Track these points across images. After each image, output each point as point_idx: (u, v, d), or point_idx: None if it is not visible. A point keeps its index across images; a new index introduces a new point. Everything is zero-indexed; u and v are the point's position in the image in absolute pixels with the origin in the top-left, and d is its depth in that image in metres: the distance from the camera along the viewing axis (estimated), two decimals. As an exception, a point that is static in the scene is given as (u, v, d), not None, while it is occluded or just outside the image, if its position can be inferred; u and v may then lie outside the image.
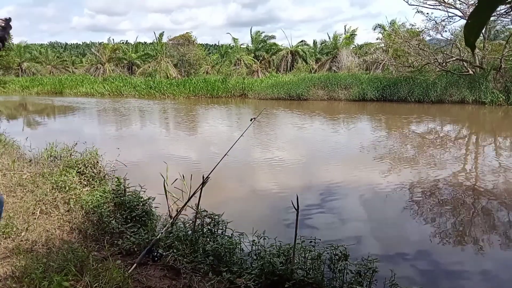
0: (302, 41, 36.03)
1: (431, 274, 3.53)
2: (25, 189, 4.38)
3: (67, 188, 4.40)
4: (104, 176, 5.41)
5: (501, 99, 17.38)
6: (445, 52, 19.51)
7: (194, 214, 3.33)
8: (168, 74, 31.93)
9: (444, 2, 18.44)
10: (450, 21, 19.29)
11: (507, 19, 18.57)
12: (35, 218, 3.63)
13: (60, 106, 21.53)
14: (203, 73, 34.91)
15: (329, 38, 33.62)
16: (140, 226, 3.48)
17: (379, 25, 28.52)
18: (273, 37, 36.11)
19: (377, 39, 29.40)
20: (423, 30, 20.12)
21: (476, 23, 0.57)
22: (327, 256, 2.75)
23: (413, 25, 21.10)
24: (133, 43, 42.70)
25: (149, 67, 33.78)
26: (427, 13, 19.86)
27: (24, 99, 26.82)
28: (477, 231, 4.55)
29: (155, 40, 35.36)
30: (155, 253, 2.88)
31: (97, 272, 2.53)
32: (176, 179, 4.36)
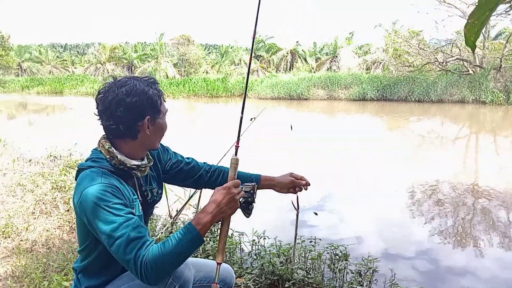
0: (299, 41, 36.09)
1: (431, 273, 3.53)
2: (25, 189, 4.38)
3: (67, 188, 4.40)
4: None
5: (501, 98, 17.38)
6: (445, 52, 19.52)
7: (194, 213, 3.33)
8: (168, 74, 31.96)
9: (444, 1, 18.45)
10: (450, 21, 19.34)
11: (507, 19, 18.58)
12: (35, 218, 3.63)
13: (60, 106, 21.53)
14: (203, 72, 34.93)
15: (329, 39, 33.66)
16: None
17: (380, 24, 28.54)
18: (273, 36, 36.18)
19: (377, 39, 29.43)
20: (423, 29, 20.16)
21: (476, 22, 0.57)
22: (327, 256, 2.74)
23: (413, 25, 21.14)
24: (132, 43, 42.75)
25: (149, 66, 33.80)
26: (427, 13, 19.90)
27: (24, 99, 26.82)
28: (477, 231, 4.55)
29: (155, 40, 35.38)
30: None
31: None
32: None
